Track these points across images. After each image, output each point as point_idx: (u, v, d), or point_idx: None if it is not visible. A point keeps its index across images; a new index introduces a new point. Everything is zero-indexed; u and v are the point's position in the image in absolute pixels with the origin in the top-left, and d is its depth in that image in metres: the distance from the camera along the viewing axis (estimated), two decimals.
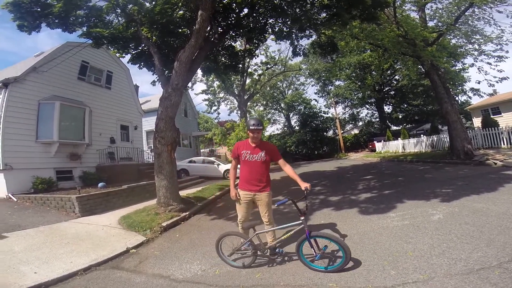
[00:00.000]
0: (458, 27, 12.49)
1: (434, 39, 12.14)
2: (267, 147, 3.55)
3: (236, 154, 3.53)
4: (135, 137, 15.72)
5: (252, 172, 3.45)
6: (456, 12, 12.21)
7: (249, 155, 3.45)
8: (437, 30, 12.61)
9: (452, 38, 13.92)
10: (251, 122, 3.37)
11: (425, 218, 4.21)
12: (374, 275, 2.75)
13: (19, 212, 7.17)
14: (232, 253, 3.43)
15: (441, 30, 12.43)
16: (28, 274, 3.50)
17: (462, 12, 11.81)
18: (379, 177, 9.67)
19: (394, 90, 34.38)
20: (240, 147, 3.53)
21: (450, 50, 13.29)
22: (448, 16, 12.72)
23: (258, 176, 3.47)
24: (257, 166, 3.46)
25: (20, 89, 9.74)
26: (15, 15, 6.93)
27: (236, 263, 3.42)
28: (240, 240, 3.43)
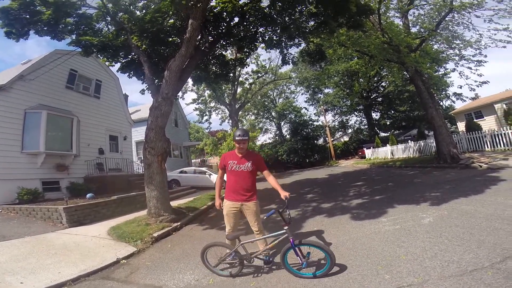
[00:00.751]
0: (439, 33, 12.98)
1: (417, 45, 12.58)
2: (253, 157, 3.58)
3: (223, 164, 3.56)
4: (124, 148, 15.46)
5: (239, 182, 3.46)
6: (437, 18, 12.72)
7: (236, 165, 3.47)
8: (420, 36, 13.08)
9: (434, 44, 14.42)
10: (237, 133, 3.44)
11: (416, 222, 4.26)
12: (368, 280, 2.75)
13: (3, 223, 6.95)
14: (218, 263, 3.41)
15: (423, 36, 12.89)
16: (14, 284, 3.41)
17: (442, 17, 12.31)
18: (369, 183, 9.79)
19: (381, 96, 35.20)
20: (227, 157, 3.56)
21: (433, 56, 13.71)
22: (430, 22, 13.23)
23: (245, 186, 3.48)
24: (244, 176, 3.49)
25: (5, 98, 9.48)
26: (3, 21, 6.85)
27: (223, 272, 3.40)
28: (226, 251, 3.42)
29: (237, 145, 3.45)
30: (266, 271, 3.32)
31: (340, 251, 3.57)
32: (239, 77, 24.02)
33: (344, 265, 3.12)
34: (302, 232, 4.85)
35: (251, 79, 27.42)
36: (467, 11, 11.96)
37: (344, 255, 3.42)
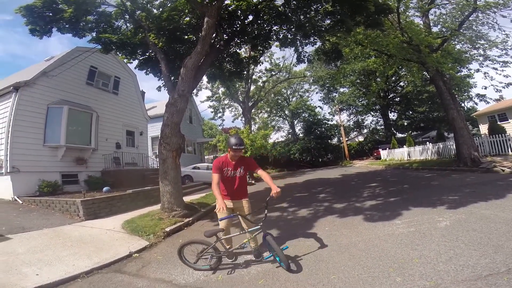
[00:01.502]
0: (462, 32, 12.49)
1: (439, 44, 12.13)
2: (244, 162, 3.77)
3: (220, 169, 3.60)
4: (140, 143, 15.85)
5: (233, 186, 3.68)
6: (460, 17, 12.24)
7: (230, 171, 3.65)
8: (442, 36, 12.62)
9: (456, 44, 13.90)
10: (234, 141, 3.51)
11: (431, 225, 4.14)
12: (379, 282, 2.70)
13: (24, 215, 7.23)
14: (197, 259, 3.53)
15: (445, 35, 12.44)
16: (30, 275, 3.51)
17: (466, 17, 11.83)
18: (384, 184, 9.57)
19: (399, 96, 34.23)
20: (223, 163, 3.65)
21: (455, 56, 13.24)
22: (452, 22, 12.76)
23: (239, 188, 3.72)
24: (238, 180, 3.69)
25: (30, 93, 9.94)
26: (27, 19, 7.13)
27: (203, 267, 3.52)
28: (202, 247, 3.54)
29: (232, 153, 3.56)
30: (274, 269, 3.32)
31: (351, 252, 3.52)
32: (253, 75, 24.02)
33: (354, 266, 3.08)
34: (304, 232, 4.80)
35: (265, 77, 27.36)
36: (492, 11, 11.46)
37: (356, 256, 3.37)
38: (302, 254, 3.72)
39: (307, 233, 4.72)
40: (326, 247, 3.86)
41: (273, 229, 5.23)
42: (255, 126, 31.63)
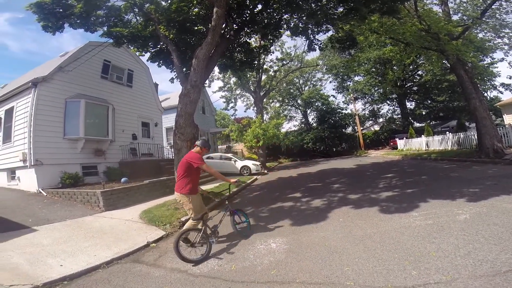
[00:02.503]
0: (485, 21, 11.83)
1: (460, 33, 11.54)
2: None
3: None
4: (155, 134, 16.15)
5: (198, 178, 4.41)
6: (481, 6, 11.55)
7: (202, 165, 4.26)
8: (462, 24, 11.98)
9: (479, 32, 13.20)
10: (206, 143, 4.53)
11: (450, 218, 4.01)
12: (394, 274, 2.66)
13: (48, 206, 7.56)
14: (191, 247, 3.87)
15: (466, 24, 11.79)
16: (55, 266, 3.67)
17: (488, 5, 11.15)
18: (401, 175, 9.34)
19: (417, 85, 32.96)
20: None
21: (477, 44, 12.61)
22: (474, 10, 12.09)
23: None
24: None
25: (48, 88, 10.25)
26: (39, 16, 7.28)
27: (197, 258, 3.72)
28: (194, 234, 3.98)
29: (205, 150, 4.44)
30: (287, 260, 3.34)
31: (366, 244, 3.49)
32: (264, 65, 23.72)
33: (368, 258, 3.06)
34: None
35: (276, 67, 26.98)
36: None
37: (370, 249, 3.33)
38: (316, 245, 3.72)
39: (320, 224, 4.70)
40: (340, 239, 3.83)
41: (286, 219, 5.27)
42: (267, 116, 31.40)
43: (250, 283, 2.91)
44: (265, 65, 24.55)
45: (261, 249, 3.85)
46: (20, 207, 7.36)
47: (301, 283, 2.77)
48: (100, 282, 3.28)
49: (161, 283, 3.15)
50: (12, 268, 3.56)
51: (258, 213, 6.10)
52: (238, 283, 2.95)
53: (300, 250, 3.61)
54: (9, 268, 3.58)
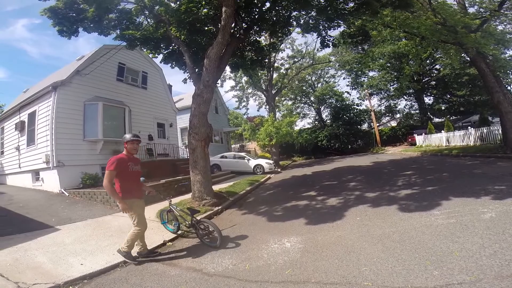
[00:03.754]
0: (503, 13, 11.30)
1: (478, 25, 11.05)
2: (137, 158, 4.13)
3: (119, 167, 3.67)
4: (170, 134, 16.43)
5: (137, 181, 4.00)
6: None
7: (134, 166, 3.90)
8: (480, 17, 11.46)
9: (498, 25, 12.63)
10: (128, 135, 3.95)
11: (474, 217, 3.82)
12: (414, 275, 2.56)
13: (70, 206, 7.85)
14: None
15: (484, 16, 11.27)
16: (76, 265, 3.77)
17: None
18: (420, 172, 9.01)
19: (435, 80, 31.72)
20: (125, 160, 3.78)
21: (498, 37, 12.06)
22: (490, 2, 11.53)
23: (140, 183, 4.14)
24: (138, 175, 4.04)
25: (67, 92, 10.62)
26: (54, 20, 7.54)
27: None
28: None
29: (131, 146, 3.87)
30: (302, 259, 3.29)
31: (385, 244, 3.37)
32: (275, 63, 23.60)
33: (387, 258, 2.95)
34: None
35: (287, 64, 26.76)
36: None
37: (389, 248, 3.22)
38: (332, 244, 3.65)
39: (336, 223, 4.60)
40: (357, 238, 3.73)
41: (300, 218, 5.19)
42: (280, 114, 31.23)
43: (264, 283, 2.88)
44: (276, 63, 24.46)
45: (275, 248, 3.81)
46: (44, 207, 7.68)
47: (316, 283, 2.71)
48: (118, 281, 3.35)
49: (176, 282, 3.17)
50: (35, 267, 3.69)
51: (272, 212, 6.06)
52: (252, 282, 2.93)
53: (316, 250, 3.55)
54: (33, 267, 3.71)
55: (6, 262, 3.85)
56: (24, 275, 3.45)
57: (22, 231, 5.40)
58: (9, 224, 6.00)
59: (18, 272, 3.54)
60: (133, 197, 3.77)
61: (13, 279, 3.31)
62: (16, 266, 3.71)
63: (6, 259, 3.95)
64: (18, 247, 4.47)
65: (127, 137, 3.90)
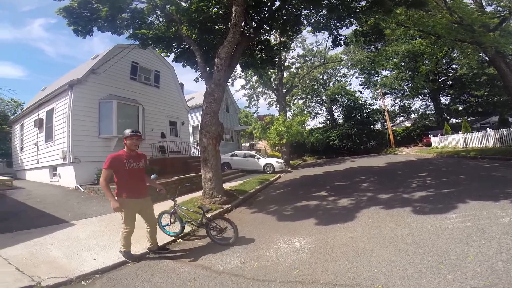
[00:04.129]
0: None
1: (496, 24, 10.69)
2: (143, 155, 3.96)
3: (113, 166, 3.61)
4: (182, 132, 16.65)
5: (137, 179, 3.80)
6: None
7: (133, 163, 3.72)
8: (498, 15, 11.05)
9: None
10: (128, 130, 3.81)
11: (492, 221, 3.68)
12: (426, 278, 2.49)
13: (85, 202, 8.05)
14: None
15: (503, 15, 10.86)
16: (88, 260, 3.85)
17: None
18: (436, 174, 8.75)
19: (452, 79, 30.76)
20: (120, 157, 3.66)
21: None
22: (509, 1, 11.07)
23: (143, 182, 3.93)
24: (141, 172, 3.85)
25: (82, 90, 10.92)
26: (69, 20, 7.74)
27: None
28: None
29: (130, 142, 3.69)
30: (311, 260, 3.26)
31: (397, 246, 3.29)
32: (285, 62, 23.45)
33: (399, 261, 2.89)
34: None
35: (298, 63, 26.53)
36: None
37: (402, 251, 3.14)
38: (342, 245, 3.59)
39: (348, 224, 4.53)
40: (368, 240, 3.66)
41: (311, 218, 5.14)
42: (290, 113, 31.05)
43: (271, 282, 2.86)
44: (287, 62, 24.30)
45: (284, 248, 3.79)
46: (60, 202, 7.92)
47: (325, 284, 2.68)
48: (129, 276, 3.40)
49: (185, 278, 3.20)
50: (50, 261, 3.80)
51: (282, 211, 6.03)
52: (260, 281, 2.92)
53: (325, 250, 3.50)
54: (48, 261, 3.81)
55: (23, 256, 3.97)
56: (39, 269, 3.55)
57: (39, 225, 5.58)
58: (28, 218, 6.23)
59: (33, 266, 3.63)
60: (127, 197, 3.66)
61: (28, 273, 3.40)
62: (32, 260, 3.81)
63: (23, 253, 4.07)
64: (35, 241, 4.61)
65: (126, 132, 3.76)
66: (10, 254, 4.00)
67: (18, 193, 9.36)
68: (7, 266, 3.60)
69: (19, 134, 14.88)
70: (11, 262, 3.73)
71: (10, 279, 3.24)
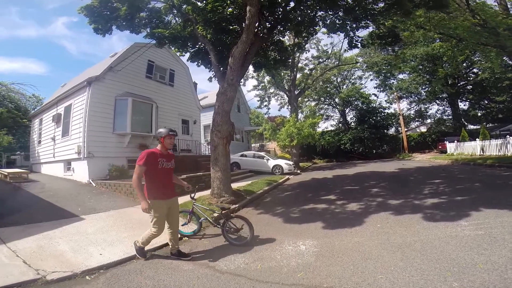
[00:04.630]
0: None
1: None
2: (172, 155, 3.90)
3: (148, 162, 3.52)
4: (194, 131, 16.84)
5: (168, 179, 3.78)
6: None
7: (165, 162, 3.67)
8: None
9: None
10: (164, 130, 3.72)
11: (505, 229, 3.56)
12: (432, 285, 2.43)
13: (96, 197, 8.21)
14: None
15: None
16: (95, 255, 3.87)
17: None
18: (450, 181, 8.50)
19: (472, 84, 29.77)
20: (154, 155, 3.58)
21: None
22: None
23: (171, 182, 3.87)
24: (171, 172, 3.80)
25: (100, 87, 11.23)
26: (90, 18, 8.00)
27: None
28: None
29: (169, 141, 3.67)
30: (316, 263, 3.24)
31: (404, 253, 3.23)
32: (298, 63, 23.32)
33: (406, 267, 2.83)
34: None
35: (312, 65, 26.34)
36: None
37: (409, 257, 3.08)
38: (348, 250, 3.55)
39: (355, 228, 4.47)
40: (375, 245, 3.60)
41: (318, 221, 5.10)
42: (302, 115, 30.90)
43: (274, 284, 2.86)
44: (300, 63, 24.18)
45: (289, 250, 3.78)
46: (72, 197, 8.08)
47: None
48: (133, 272, 3.43)
49: (188, 277, 3.22)
50: (57, 255, 3.84)
51: (289, 213, 6.01)
52: (262, 283, 2.92)
53: (331, 254, 3.47)
54: (55, 255, 3.86)
55: (31, 249, 4.01)
56: (46, 262, 3.58)
57: (50, 219, 5.65)
58: (39, 211, 6.34)
59: (40, 259, 3.67)
60: (159, 199, 3.58)
61: (34, 266, 3.43)
62: (39, 254, 3.85)
63: (32, 246, 4.12)
64: (44, 234, 4.66)
65: (163, 132, 3.68)
66: (19, 247, 4.05)
67: (33, 185, 9.64)
68: (15, 259, 3.66)
69: (37, 128, 15.47)
70: (19, 254, 3.78)
71: (16, 272, 3.29)
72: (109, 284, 3.12)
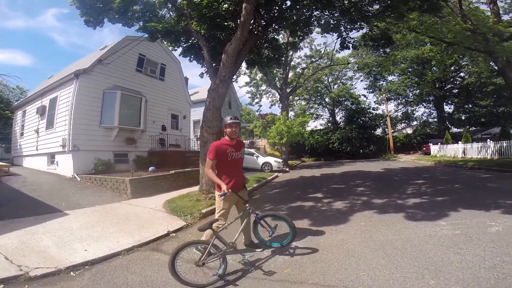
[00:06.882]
0: None
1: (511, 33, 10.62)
2: (241, 143, 3.58)
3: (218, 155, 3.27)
4: (183, 126, 16.70)
5: (238, 171, 3.52)
6: None
7: (234, 153, 3.41)
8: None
9: None
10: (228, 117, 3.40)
11: (480, 229, 3.76)
12: (410, 283, 2.56)
13: (80, 191, 8.03)
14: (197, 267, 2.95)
15: None
16: (80, 251, 3.80)
17: None
18: (432, 182, 8.83)
19: (458, 88, 30.75)
20: (223, 146, 3.33)
21: None
22: None
23: (242, 173, 3.60)
24: (240, 163, 3.56)
25: (88, 80, 10.98)
26: (81, 10, 7.81)
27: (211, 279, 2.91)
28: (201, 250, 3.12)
29: (230, 130, 3.32)
30: (302, 260, 3.33)
31: (386, 250, 3.37)
32: (291, 62, 23.42)
33: (386, 265, 2.96)
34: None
35: (304, 64, 26.50)
36: None
37: (390, 255, 3.21)
38: (333, 247, 3.66)
39: (340, 226, 4.60)
40: (359, 243, 3.73)
41: (305, 219, 5.21)
42: (293, 113, 31.08)
43: (261, 280, 2.93)
44: (293, 62, 24.26)
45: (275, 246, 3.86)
46: (55, 191, 7.86)
47: (313, 284, 2.75)
48: (119, 268, 3.41)
49: None
50: (40, 251, 3.75)
51: (277, 211, 6.09)
52: (250, 279, 2.99)
53: (317, 251, 3.57)
54: (38, 250, 3.77)
55: (12, 245, 3.91)
56: (28, 258, 3.50)
57: (32, 214, 5.51)
58: (21, 206, 6.15)
59: (22, 255, 3.58)
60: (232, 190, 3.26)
61: (16, 262, 3.35)
62: (21, 249, 3.76)
63: (13, 242, 4.01)
64: (26, 230, 4.55)
65: (226, 120, 3.38)
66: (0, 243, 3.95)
67: (14, 179, 9.36)
68: None
69: (20, 120, 14.99)
70: (0, 251, 3.67)
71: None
72: (95, 280, 3.10)
